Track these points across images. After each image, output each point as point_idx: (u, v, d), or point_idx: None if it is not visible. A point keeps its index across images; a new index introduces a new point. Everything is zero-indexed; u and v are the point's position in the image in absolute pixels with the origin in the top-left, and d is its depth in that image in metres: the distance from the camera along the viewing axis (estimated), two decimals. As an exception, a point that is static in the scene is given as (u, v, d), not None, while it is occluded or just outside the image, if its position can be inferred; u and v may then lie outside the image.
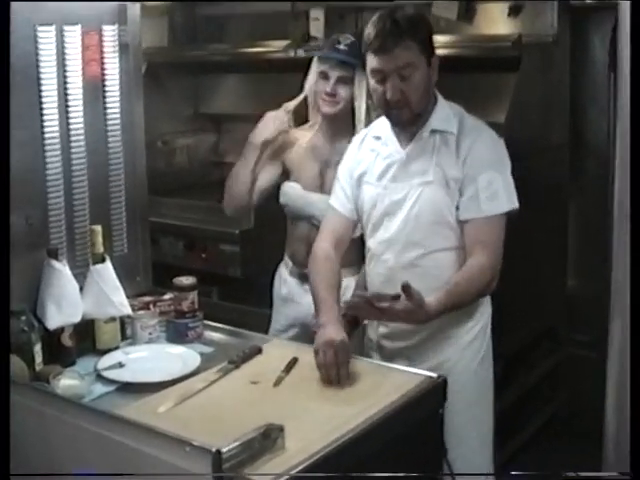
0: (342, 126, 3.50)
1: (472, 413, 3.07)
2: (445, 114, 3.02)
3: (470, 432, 3.05)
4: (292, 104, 3.59)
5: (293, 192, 3.62)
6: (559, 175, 4.47)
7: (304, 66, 4.29)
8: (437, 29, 3.11)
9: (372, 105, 3.37)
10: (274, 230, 4.40)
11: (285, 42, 4.83)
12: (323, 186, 3.54)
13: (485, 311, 3.13)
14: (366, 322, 3.22)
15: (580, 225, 4.58)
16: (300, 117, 3.67)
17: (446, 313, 2.87)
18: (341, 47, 3.46)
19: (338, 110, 3.47)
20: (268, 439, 2.21)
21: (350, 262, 3.39)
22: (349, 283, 3.42)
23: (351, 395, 2.65)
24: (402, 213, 3.02)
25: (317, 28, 4.87)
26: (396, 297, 2.67)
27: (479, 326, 3.10)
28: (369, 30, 2.92)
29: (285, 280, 3.72)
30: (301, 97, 3.59)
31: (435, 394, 2.70)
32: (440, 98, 3.06)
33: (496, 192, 2.92)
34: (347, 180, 3.20)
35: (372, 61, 2.93)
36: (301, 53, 4.74)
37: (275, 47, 4.90)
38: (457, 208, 2.95)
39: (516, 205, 2.97)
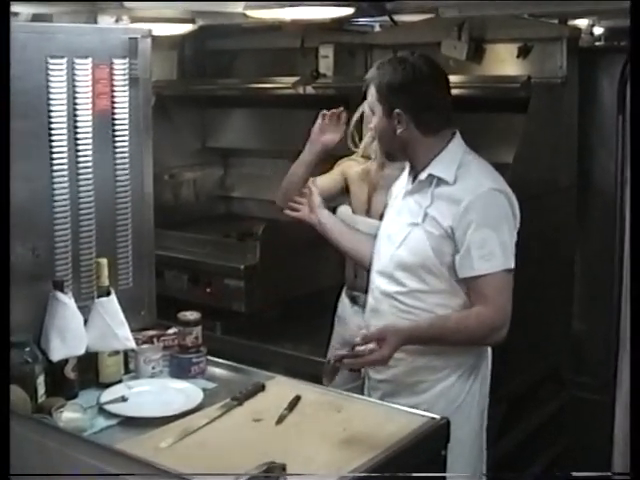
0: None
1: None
2: (447, 162, 3.00)
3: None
4: (354, 118, 3.74)
5: (343, 215, 3.73)
6: (566, 217, 4.46)
7: (312, 103, 4.30)
8: (446, 69, 3.11)
9: None
10: (279, 266, 4.40)
11: (294, 78, 4.84)
12: (370, 210, 3.68)
13: (464, 363, 3.09)
14: None
15: (587, 268, 4.57)
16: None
17: (423, 343, 2.97)
18: None
19: None
20: (270, 477, 2.20)
21: None
22: None
23: (354, 435, 2.63)
24: (391, 248, 3.09)
25: (326, 65, 4.89)
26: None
27: (455, 376, 3.07)
28: None
29: (342, 300, 3.85)
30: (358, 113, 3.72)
31: (438, 435, 2.68)
32: (452, 146, 3.04)
33: (492, 251, 2.90)
34: None
35: None
36: (310, 90, 4.75)
37: (284, 83, 4.90)
38: (453, 262, 2.95)
39: (511, 265, 2.94)
